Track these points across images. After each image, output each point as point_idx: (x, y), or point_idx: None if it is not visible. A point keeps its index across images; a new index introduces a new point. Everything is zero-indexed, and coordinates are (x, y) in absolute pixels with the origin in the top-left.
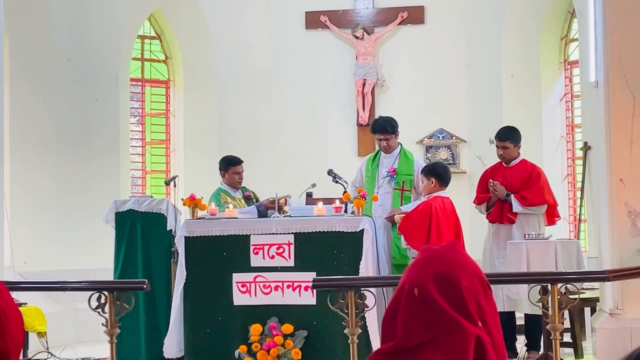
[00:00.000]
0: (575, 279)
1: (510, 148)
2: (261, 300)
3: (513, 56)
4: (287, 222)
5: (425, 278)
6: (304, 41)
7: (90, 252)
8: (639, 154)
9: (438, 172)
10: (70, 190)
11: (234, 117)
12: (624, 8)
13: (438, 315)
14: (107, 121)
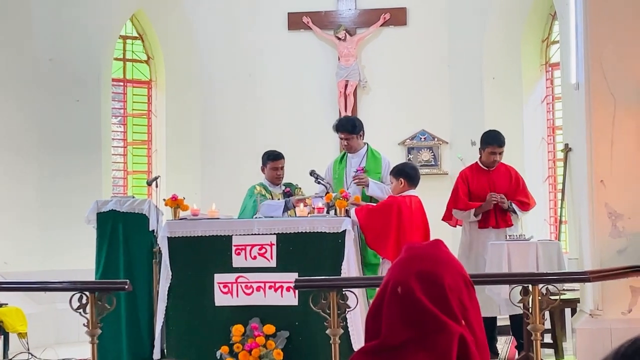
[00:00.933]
0: (555, 280)
1: (503, 153)
2: (243, 300)
3: (495, 58)
4: (269, 223)
5: (409, 276)
6: (286, 42)
7: (71, 252)
8: (619, 155)
9: (407, 172)
10: (51, 191)
11: (216, 118)
12: (605, 11)
13: (421, 313)
14: (89, 121)
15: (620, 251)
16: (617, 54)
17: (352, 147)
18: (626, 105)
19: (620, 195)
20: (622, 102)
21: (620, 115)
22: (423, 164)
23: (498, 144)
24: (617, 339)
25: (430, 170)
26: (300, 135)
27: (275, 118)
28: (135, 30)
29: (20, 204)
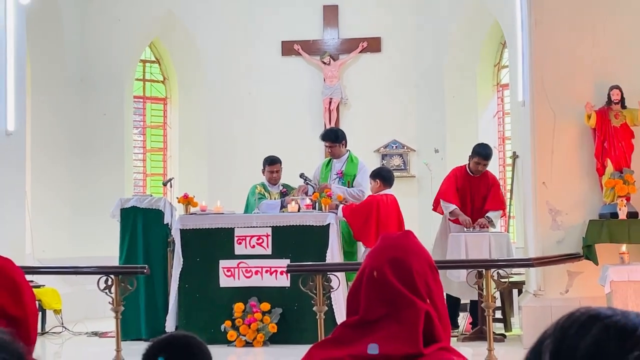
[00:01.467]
0: (505, 265)
1: (488, 164)
2: (243, 282)
3: (454, 80)
4: (265, 217)
5: (383, 262)
6: (280, 66)
7: (99, 242)
8: (558, 161)
9: (382, 174)
10: (82, 190)
11: (221, 129)
12: (547, 39)
13: (393, 293)
14: (114, 132)
15: (559, 241)
16: (556, 76)
17: (335, 154)
18: (564, 120)
19: (559, 195)
20: (560, 117)
21: (559, 128)
22: (394, 168)
23: (483, 157)
24: (556, 314)
25: (400, 174)
26: (291, 143)
27: (270, 129)
28: (153, 55)
29: (55, 202)
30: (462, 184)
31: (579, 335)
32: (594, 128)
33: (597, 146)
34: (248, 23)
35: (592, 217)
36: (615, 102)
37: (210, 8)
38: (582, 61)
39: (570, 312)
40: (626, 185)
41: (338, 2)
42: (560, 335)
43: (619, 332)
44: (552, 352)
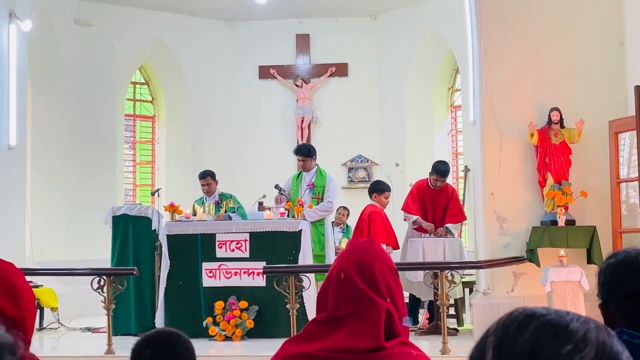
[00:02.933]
0: (457, 267)
1: (446, 180)
2: (224, 282)
3: (413, 101)
4: (243, 224)
5: (349, 265)
6: (257, 87)
7: (92, 246)
8: (505, 175)
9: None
10: (77, 199)
11: (204, 145)
12: (495, 66)
13: (358, 293)
14: (106, 146)
15: (505, 246)
16: (503, 99)
17: (306, 167)
18: (510, 138)
19: (506, 204)
20: (507, 135)
21: (505, 145)
22: (359, 180)
23: (441, 175)
24: (503, 311)
25: (365, 185)
26: (267, 157)
27: (248, 145)
28: (143, 77)
29: (53, 209)
30: (424, 196)
31: (518, 332)
32: (537, 145)
33: (539, 161)
34: (229, 49)
35: (534, 224)
36: (555, 122)
37: (195, 35)
38: (525, 85)
39: (510, 312)
40: (564, 196)
41: (309, 31)
42: (502, 333)
43: (553, 328)
44: (495, 347)
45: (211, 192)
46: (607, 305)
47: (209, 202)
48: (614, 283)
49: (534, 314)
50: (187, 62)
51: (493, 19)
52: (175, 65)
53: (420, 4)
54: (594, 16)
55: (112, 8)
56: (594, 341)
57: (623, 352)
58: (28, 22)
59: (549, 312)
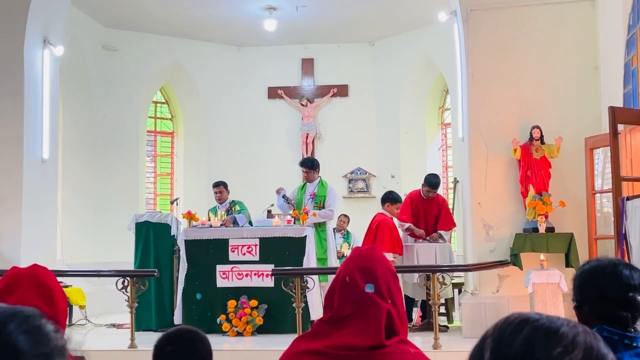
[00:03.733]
0: (448, 270)
1: (437, 191)
2: (236, 283)
3: (407, 119)
4: (254, 230)
5: (353, 269)
6: (266, 106)
7: (117, 249)
8: (491, 186)
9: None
10: (103, 207)
11: (218, 158)
12: (481, 88)
13: (361, 295)
14: (130, 159)
15: (491, 251)
16: (489, 117)
17: (309, 178)
18: (495, 153)
19: (491, 213)
20: (492, 150)
21: (491, 159)
22: (358, 191)
23: (432, 187)
24: (489, 310)
25: (363, 195)
26: (274, 169)
27: (258, 158)
28: (163, 97)
29: (81, 216)
30: (417, 205)
31: (513, 335)
32: (519, 160)
33: (521, 174)
34: (240, 71)
35: (517, 231)
36: (536, 138)
37: (210, 59)
38: (509, 106)
39: (507, 317)
40: (545, 206)
41: (314, 56)
42: (498, 335)
43: (545, 332)
44: (492, 348)
45: (223, 200)
46: (581, 307)
47: (221, 210)
48: (588, 287)
49: (528, 318)
50: (202, 84)
51: (480, 46)
52: (192, 86)
53: (414, 32)
54: (572, 43)
55: (135, 35)
56: (582, 344)
57: (608, 354)
58: (60, 48)
59: (542, 317)
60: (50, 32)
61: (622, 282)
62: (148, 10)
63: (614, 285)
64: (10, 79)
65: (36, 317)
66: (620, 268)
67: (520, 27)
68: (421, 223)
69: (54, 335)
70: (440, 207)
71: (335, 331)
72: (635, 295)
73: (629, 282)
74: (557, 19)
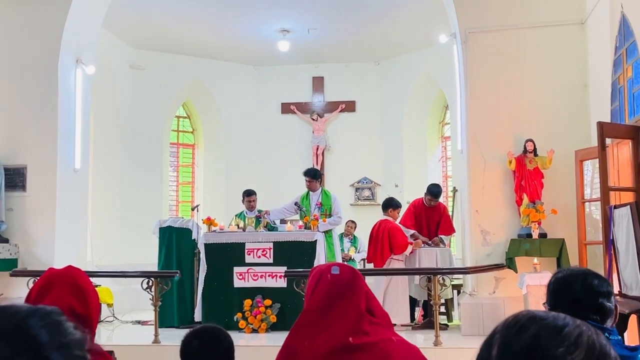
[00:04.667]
0: (448, 272)
1: (439, 200)
2: (252, 284)
3: (409, 132)
4: (268, 235)
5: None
6: (279, 121)
7: (142, 252)
8: (488, 195)
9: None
10: (130, 213)
11: (235, 169)
12: (478, 104)
13: (340, 289)
14: (155, 169)
15: (488, 255)
16: (485, 131)
17: (312, 188)
18: (492, 164)
19: (488, 220)
20: (489, 162)
21: (488, 170)
22: (365, 199)
23: (434, 196)
24: (486, 309)
25: (369, 202)
26: (287, 179)
27: (272, 168)
28: (185, 112)
29: (110, 221)
30: (419, 213)
31: (521, 332)
32: (514, 170)
33: (516, 184)
34: (256, 89)
35: (512, 236)
36: (530, 151)
37: (228, 77)
38: (505, 120)
39: (515, 314)
40: (538, 213)
41: (324, 74)
42: (506, 332)
43: (550, 330)
44: (500, 344)
45: (254, 208)
46: (555, 310)
47: (250, 216)
48: (562, 293)
49: (535, 316)
50: (221, 99)
51: (478, 65)
52: (212, 102)
53: (417, 52)
54: (563, 63)
55: (160, 55)
56: (584, 344)
57: (610, 352)
58: (92, 67)
59: (548, 316)
60: (82, 52)
61: (593, 290)
62: (172, 32)
63: (586, 291)
64: (46, 95)
65: (56, 314)
66: (591, 277)
67: (514, 48)
68: (424, 229)
69: (73, 330)
70: (441, 214)
71: (318, 326)
72: (604, 301)
73: (599, 290)
74: (549, 41)
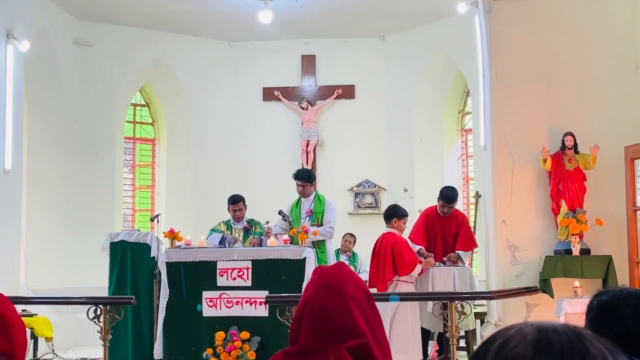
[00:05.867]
0: (468, 298)
1: (454, 206)
2: (225, 312)
3: (422, 124)
4: (246, 251)
5: (318, 290)
6: (261, 110)
7: (89, 273)
8: (517, 201)
9: None
10: (74, 224)
11: (206, 168)
12: (506, 89)
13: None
14: (105, 170)
15: (517, 275)
16: (515, 123)
17: (305, 193)
18: (522, 163)
19: (518, 232)
20: (519, 160)
21: (517, 170)
22: (366, 206)
23: (447, 202)
24: None
25: (372, 211)
26: (271, 181)
27: (252, 168)
28: (143, 99)
29: (49, 234)
30: (432, 224)
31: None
32: (550, 171)
33: (552, 188)
34: (232, 70)
35: (548, 253)
36: (569, 147)
37: (197, 55)
38: (538, 109)
39: (512, 325)
40: (579, 224)
41: (315, 52)
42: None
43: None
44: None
45: (241, 218)
46: None
47: (238, 227)
48: (606, 321)
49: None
50: (189, 84)
51: (504, 41)
52: (177, 87)
53: (430, 25)
54: (609, 39)
55: (112, 28)
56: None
57: None
58: (26, 43)
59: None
60: (14, 24)
61: None
62: (127, 0)
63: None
64: None
65: None
66: None
67: (550, 19)
68: (438, 244)
69: None
70: (459, 224)
71: None
72: None
73: None
74: (593, 12)
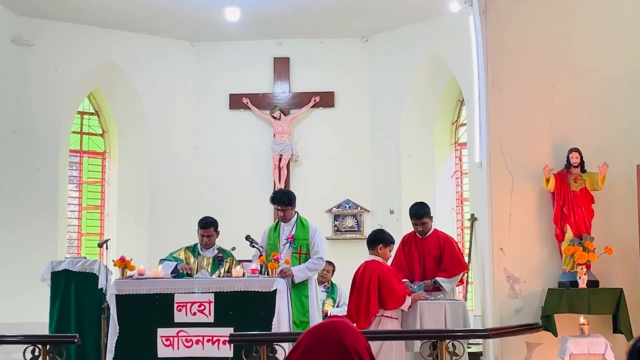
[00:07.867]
0: (460, 336)
1: (427, 222)
2: (183, 352)
3: (411, 137)
4: (208, 282)
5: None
6: (227, 120)
7: (26, 307)
8: (516, 226)
9: None
10: (10, 250)
11: (163, 187)
12: (504, 98)
13: None
14: (47, 188)
15: (517, 310)
16: (514, 137)
17: (286, 217)
18: (522, 183)
19: (517, 261)
20: (518, 179)
21: (517, 191)
22: (347, 230)
23: (416, 217)
24: None
25: (354, 236)
26: (238, 202)
27: (217, 187)
28: (92, 106)
29: None
30: (410, 248)
31: None
32: (553, 192)
33: (556, 211)
34: (195, 74)
35: (551, 285)
36: (575, 165)
37: (155, 57)
38: (540, 122)
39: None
40: (586, 253)
41: (290, 54)
42: None
43: None
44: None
45: (211, 244)
46: None
47: (207, 255)
48: None
49: None
50: (144, 90)
51: (502, 44)
52: (131, 93)
53: (419, 25)
54: (619, 45)
55: (57, 25)
56: None
57: None
58: None
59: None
60: None
61: None
62: None
63: None
64: None
65: None
66: None
67: (554, 21)
68: (416, 267)
69: None
70: (441, 246)
71: None
72: None
73: None
74: (599, 10)
